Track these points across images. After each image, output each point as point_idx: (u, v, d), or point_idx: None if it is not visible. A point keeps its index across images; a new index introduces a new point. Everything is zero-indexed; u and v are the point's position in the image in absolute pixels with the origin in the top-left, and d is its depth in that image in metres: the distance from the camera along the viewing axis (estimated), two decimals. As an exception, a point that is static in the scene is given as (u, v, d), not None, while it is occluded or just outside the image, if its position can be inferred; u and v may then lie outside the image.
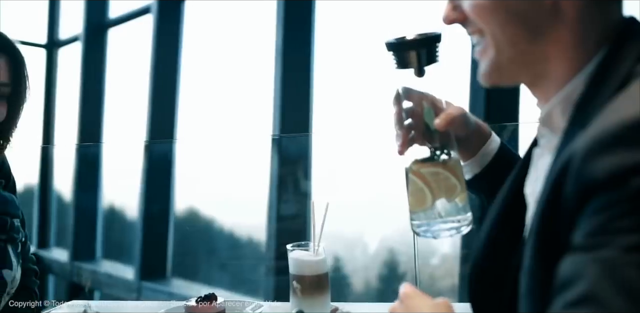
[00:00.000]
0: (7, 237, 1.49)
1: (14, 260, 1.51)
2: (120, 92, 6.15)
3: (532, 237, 0.84)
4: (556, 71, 0.92)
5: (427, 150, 1.14)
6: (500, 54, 0.93)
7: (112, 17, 6.26)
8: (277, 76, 4.54)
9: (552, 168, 0.84)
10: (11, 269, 1.49)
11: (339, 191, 4.36)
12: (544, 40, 0.90)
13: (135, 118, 5.63)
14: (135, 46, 5.83)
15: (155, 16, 5.41)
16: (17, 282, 1.53)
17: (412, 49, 1.10)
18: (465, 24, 0.98)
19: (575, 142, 0.78)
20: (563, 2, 0.88)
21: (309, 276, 1.49)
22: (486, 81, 0.99)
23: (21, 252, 1.60)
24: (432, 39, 1.12)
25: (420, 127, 1.15)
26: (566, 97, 0.91)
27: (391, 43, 1.11)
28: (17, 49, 1.50)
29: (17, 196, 1.66)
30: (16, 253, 1.54)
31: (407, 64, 1.11)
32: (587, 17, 0.90)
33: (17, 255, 1.54)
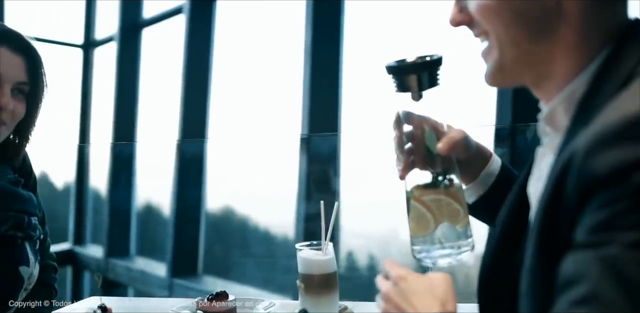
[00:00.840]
0: (24, 235, 1.54)
1: (32, 257, 1.56)
2: (153, 91, 6.24)
3: (533, 236, 0.84)
4: (559, 71, 0.92)
5: (428, 174, 1.11)
6: (503, 55, 0.94)
7: (146, 17, 6.35)
8: (306, 75, 4.56)
9: (554, 167, 0.85)
10: (28, 266, 1.54)
11: (372, 190, 4.36)
12: (548, 40, 0.91)
13: (167, 117, 5.70)
14: (168, 46, 5.90)
15: (187, 16, 5.47)
16: (34, 278, 1.57)
17: (412, 72, 1.09)
18: (471, 25, 0.99)
19: (576, 140, 0.79)
20: (566, 2, 0.89)
21: (317, 275, 1.50)
22: (490, 81, 1.00)
23: (40, 249, 1.64)
24: (433, 63, 1.10)
25: (420, 151, 1.13)
26: (569, 96, 0.91)
27: (391, 66, 1.10)
28: (34, 49, 1.54)
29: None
30: (34, 250, 1.58)
31: (407, 88, 1.10)
32: (590, 18, 0.90)
33: (34, 252, 1.58)
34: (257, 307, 1.62)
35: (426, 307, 0.93)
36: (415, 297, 0.95)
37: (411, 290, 0.96)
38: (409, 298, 0.95)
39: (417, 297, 0.95)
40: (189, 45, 5.48)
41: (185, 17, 5.51)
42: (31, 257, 1.55)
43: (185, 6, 5.51)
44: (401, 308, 0.95)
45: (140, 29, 6.34)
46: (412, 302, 0.95)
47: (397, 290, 0.97)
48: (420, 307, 0.94)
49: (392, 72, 1.10)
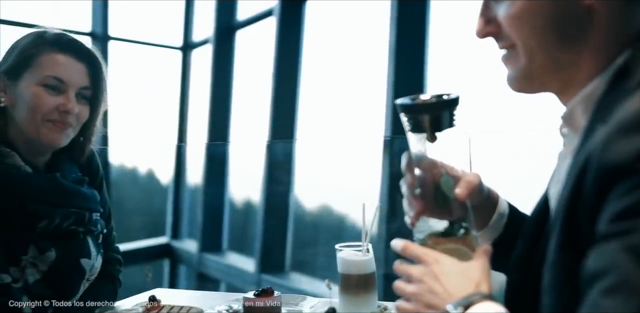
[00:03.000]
0: (85, 230, 1.65)
1: (93, 250, 1.67)
2: (246, 93, 6.41)
3: (555, 232, 0.86)
4: (583, 75, 0.94)
5: (439, 221, 1.05)
6: (532, 62, 0.96)
7: (240, 20, 6.54)
8: (390, 77, 4.57)
9: (572, 165, 0.87)
10: (90, 258, 1.65)
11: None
12: (577, 46, 0.93)
13: (258, 118, 5.85)
14: (260, 48, 6.05)
15: (278, 18, 5.59)
16: (96, 270, 1.69)
17: (426, 112, 1.02)
18: (498, 37, 1.01)
19: (594, 137, 0.81)
20: (597, 8, 0.91)
21: (355, 275, 1.53)
22: (515, 87, 1.02)
23: (104, 242, 1.76)
24: (449, 103, 1.03)
25: (430, 197, 1.05)
26: (587, 96, 0.93)
27: (403, 105, 1.03)
28: (95, 56, 1.65)
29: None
30: (96, 244, 1.70)
31: (421, 128, 1.02)
32: (615, 22, 0.92)
33: (97, 246, 1.70)
34: (301, 304, 1.68)
35: (459, 287, 0.92)
36: (448, 278, 0.94)
37: (444, 272, 0.94)
38: (442, 279, 0.94)
39: (450, 278, 0.93)
40: (278, 47, 5.59)
41: (275, 19, 5.63)
42: (93, 250, 1.67)
43: (276, 8, 5.63)
44: (434, 289, 0.94)
45: (234, 31, 6.53)
46: (445, 283, 0.93)
47: (429, 271, 0.95)
48: (452, 287, 0.92)
49: (405, 111, 1.03)
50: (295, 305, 1.68)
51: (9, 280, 1.52)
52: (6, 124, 1.61)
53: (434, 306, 0.93)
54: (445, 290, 0.93)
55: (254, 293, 1.63)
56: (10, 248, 1.54)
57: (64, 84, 1.58)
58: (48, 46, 1.60)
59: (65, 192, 1.63)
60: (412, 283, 0.97)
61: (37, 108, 1.56)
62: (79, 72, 1.61)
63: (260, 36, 6.17)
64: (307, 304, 1.67)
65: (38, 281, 1.56)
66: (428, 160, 1.06)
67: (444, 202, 1.04)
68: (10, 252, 1.54)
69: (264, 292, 1.63)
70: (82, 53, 1.63)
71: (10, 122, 1.61)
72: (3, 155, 1.58)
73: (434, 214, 1.05)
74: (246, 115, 6.39)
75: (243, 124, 6.40)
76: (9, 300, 1.52)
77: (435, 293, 0.93)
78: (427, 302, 0.94)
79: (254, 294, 1.63)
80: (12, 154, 1.58)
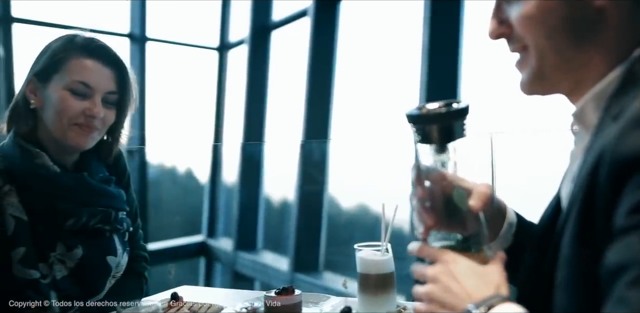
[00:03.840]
0: (111, 228, 1.69)
1: (119, 248, 1.71)
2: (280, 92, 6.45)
3: (570, 227, 0.87)
4: (594, 75, 0.94)
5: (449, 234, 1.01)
6: (544, 63, 0.96)
7: (275, 20, 6.58)
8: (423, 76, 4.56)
9: (584, 161, 0.88)
10: (116, 256, 1.69)
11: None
12: (588, 46, 0.94)
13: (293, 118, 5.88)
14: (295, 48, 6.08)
15: (312, 18, 5.61)
16: (122, 267, 1.73)
17: (434, 123, 0.97)
18: (510, 38, 1.01)
19: (607, 133, 0.82)
20: (608, 8, 0.91)
21: (374, 275, 1.54)
22: (527, 90, 1.02)
23: (131, 240, 1.80)
24: (458, 113, 0.98)
25: (441, 210, 1.01)
26: (599, 93, 0.93)
27: (411, 115, 0.98)
28: (122, 61, 1.69)
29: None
30: (122, 242, 1.74)
31: (429, 139, 0.98)
32: (627, 22, 0.93)
33: (123, 244, 1.74)
34: (320, 303, 1.69)
35: (478, 289, 0.90)
36: (466, 278, 0.92)
37: (462, 272, 0.93)
38: (460, 279, 0.92)
39: (468, 279, 0.92)
40: (313, 47, 5.62)
41: (309, 19, 5.65)
42: (119, 248, 1.71)
43: (310, 9, 5.66)
44: (451, 289, 0.92)
45: (270, 32, 6.58)
46: (463, 283, 0.91)
47: (446, 270, 0.93)
48: (471, 288, 0.91)
49: (412, 122, 0.98)
50: (316, 304, 1.69)
51: (37, 276, 1.57)
52: (36, 125, 1.66)
53: (450, 306, 0.91)
54: (464, 289, 0.91)
55: (275, 292, 1.65)
56: (39, 245, 1.59)
57: (90, 88, 1.62)
58: (77, 51, 1.63)
59: (92, 191, 1.67)
60: (427, 283, 0.95)
61: (63, 112, 1.60)
62: (106, 77, 1.65)
63: (294, 36, 6.20)
64: (329, 303, 1.68)
65: (65, 277, 1.61)
66: (438, 172, 1.01)
67: (456, 214, 1.00)
68: (40, 248, 1.59)
69: (284, 290, 1.64)
70: (110, 58, 1.66)
71: (40, 123, 1.65)
72: (33, 155, 1.62)
73: (446, 228, 1.01)
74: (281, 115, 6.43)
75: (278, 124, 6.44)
76: (38, 295, 1.57)
77: (453, 293, 0.91)
78: (444, 302, 0.92)
79: (275, 292, 1.65)
80: (41, 154, 1.63)
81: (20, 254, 1.56)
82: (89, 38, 1.68)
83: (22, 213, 1.59)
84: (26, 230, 1.58)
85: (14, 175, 1.61)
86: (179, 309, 1.51)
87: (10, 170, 1.61)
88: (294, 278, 5.42)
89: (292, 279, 5.43)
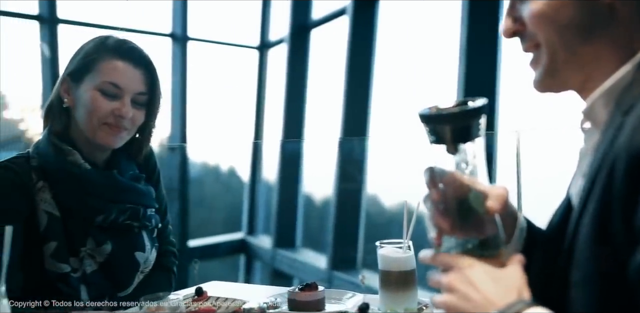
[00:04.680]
0: (140, 224, 1.74)
1: (148, 244, 1.76)
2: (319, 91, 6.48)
3: (586, 227, 0.87)
4: (604, 71, 0.95)
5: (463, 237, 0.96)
6: (554, 58, 0.97)
7: (314, 19, 6.61)
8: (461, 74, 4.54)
9: (595, 157, 0.89)
10: (144, 251, 1.74)
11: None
12: (599, 42, 0.95)
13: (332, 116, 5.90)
14: (333, 46, 6.10)
15: (350, 17, 5.62)
16: (150, 262, 1.77)
17: (447, 123, 0.93)
18: (523, 36, 1.02)
19: (621, 130, 0.83)
20: (618, 5, 0.93)
21: (395, 272, 1.55)
22: (539, 87, 1.03)
23: (160, 236, 1.85)
24: (472, 113, 0.93)
25: (456, 213, 0.96)
26: (609, 89, 0.94)
27: (423, 115, 0.94)
28: (152, 62, 1.72)
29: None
30: (151, 238, 1.78)
31: (441, 139, 0.94)
32: (638, 18, 0.94)
33: (151, 240, 1.78)
34: (343, 299, 1.71)
35: (499, 295, 0.87)
36: (485, 285, 0.88)
37: (479, 278, 0.89)
38: (478, 285, 0.88)
39: (487, 285, 0.88)
40: (351, 45, 5.63)
41: (348, 18, 5.66)
42: (147, 244, 1.75)
43: (349, 7, 5.67)
44: (469, 296, 0.88)
45: (309, 30, 6.61)
46: (482, 290, 0.88)
47: (462, 277, 0.90)
48: (492, 294, 0.87)
49: (425, 122, 0.94)
50: (339, 300, 1.71)
51: (68, 270, 1.62)
52: (69, 124, 1.71)
53: None
54: (484, 297, 0.87)
55: (298, 288, 1.67)
56: (70, 240, 1.64)
57: (120, 89, 1.66)
58: (109, 52, 1.67)
59: (121, 189, 1.72)
60: (444, 293, 0.91)
61: (94, 111, 1.65)
62: (136, 79, 1.69)
63: (334, 34, 6.22)
64: (353, 300, 1.69)
65: (95, 271, 1.66)
66: (451, 175, 0.96)
67: (471, 218, 0.95)
68: (71, 243, 1.64)
69: (307, 286, 1.67)
70: (140, 60, 1.70)
71: (73, 121, 1.70)
72: (65, 153, 1.68)
73: (460, 232, 0.96)
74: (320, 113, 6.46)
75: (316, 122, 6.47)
76: (69, 288, 1.63)
77: (472, 301, 0.88)
78: (464, 311, 0.88)
79: (298, 288, 1.67)
80: (73, 152, 1.68)
81: (52, 248, 1.62)
82: (121, 40, 1.72)
83: (55, 209, 1.64)
84: (58, 226, 1.63)
85: (47, 172, 1.66)
86: (202, 303, 1.54)
87: (44, 167, 1.67)
88: (331, 276, 5.44)
89: (329, 277, 5.45)
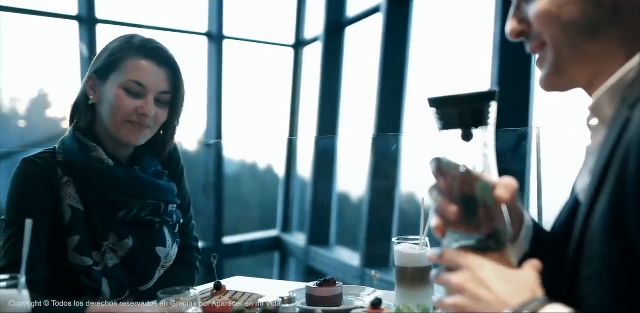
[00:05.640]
0: (161, 220, 1.77)
1: (169, 239, 1.79)
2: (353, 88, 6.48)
3: (599, 223, 0.86)
4: (610, 68, 0.95)
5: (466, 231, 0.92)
6: (561, 57, 0.98)
7: (349, 17, 6.61)
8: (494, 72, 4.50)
9: (602, 151, 0.89)
10: (165, 247, 1.77)
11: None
12: (605, 39, 0.95)
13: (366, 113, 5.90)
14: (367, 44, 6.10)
15: (384, 15, 5.61)
16: (171, 257, 1.80)
17: (455, 107, 0.93)
18: (529, 36, 1.03)
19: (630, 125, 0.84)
20: (622, 4, 0.93)
21: (411, 268, 1.55)
22: (546, 85, 1.03)
23: (183, 231, 1.88)
24: (480, 98, 0.93)
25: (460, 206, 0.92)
26: (615, 85, 0.94)
27: (433, 99, 0.94)
28: (175, 62, 1.75)
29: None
30: (172, 233, 1.81)
31: (450, 124, 0.93)
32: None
33: (173, 235, 1.81)
34: (361, 294, 1.72)
35: (512, 294, 0.84)
36: (496, 284, 0.85)
37: (491, 278, 0.85)
38: (489, 285, 0.85)
39: (498, 284, 0.85)
40: (385, 43, 5.61)
41: (382, 15, 5.65)
42: (168, 239, 1.78)
43: (383, 5, 5.66)
44: (481, 297, 0.85)
45: (344, 28, 6.61)
46: (494, 289, 0.84)
47: (472, 277, 0.86)
48: (504, 294, 0.84)
49: (435, 106, 0.94)
50: (357, 296, 1.72)
51: (90, 263, 1.66)
52: (94, 120, 1.75)
53: None
54: (497, 296, 0.84)
55: (316, 283, 1.69)
56: (93, 234, 1.68)
57: (144, 88, 1.69)
58: (134, 51, 1.71)
59: (143, 185, 1.75)
60: (453, 294, 0.88)
61: (118, 109, 1.68)
62: (160, 78, 1.71)
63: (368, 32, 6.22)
64: (373, 296, 1.70)
65: (117, 265, 1.70)
66: (459, 166, 0.93)
67: (479, 210, 0.91)
68: (93, 237, 1.68)
69: (326, 281, 1.68)
70: (164, 59, 1.73)
71: (98, 118, 1.74)
72: (89, 149, 1.72)
73: (464, 228, 0.92)
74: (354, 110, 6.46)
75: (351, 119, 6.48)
76: (91, 281, 1.66)
77: (484, 301, 0.84)
78: None
79: (316, 284, 1.68)
80: (97, 148, 1.72)
81: (75, 242, 1.66)
82: (146, 39, 1.74)
83: (79, 203, 1.68)
84: (82, 220, 1.68)
85: (72, 167, 1.71)
86: (220, 298, 1.57)
87: (69, 162, 1.71)
88: (364, 274, 5.44)
89: (362, 275, 5.45)
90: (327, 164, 6.41)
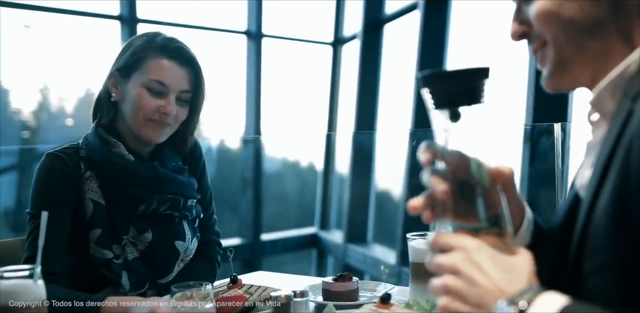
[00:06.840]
0: (180, 214, 1.79)
1: (189, 233, 1.81)
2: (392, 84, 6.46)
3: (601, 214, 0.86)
4: (612, 64, 0.95)
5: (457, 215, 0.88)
6: (562, 55, 0.97)
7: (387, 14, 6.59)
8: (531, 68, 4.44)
9: (604, 145, 0.89)
10: (184, 241, 1.79)
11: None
12: (606, 36, 0.94)
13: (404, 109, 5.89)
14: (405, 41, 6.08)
15: (422, 12, 5.58)
16: (190, 251, 1.82)
17: (445, 83, 0.88)
18: (530, 37, 1.02)
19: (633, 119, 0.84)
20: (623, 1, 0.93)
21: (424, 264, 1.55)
22: (549, 85, 1.03)
23: (204, 226, 1.90)
24: (471, 73, 0.88)
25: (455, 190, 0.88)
26: (616, 78, 0.93)
27: (423, 76, 0.89)
28: (197, 61, 1.77)
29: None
30: (192, 228, 1.84)
31: (440, 102, 0.89)
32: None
33: (192, 230, 1.83)
34: (377, 289, 1.72)
35: (508, 281, 0.79)
36: (493, 269, 0.80)
37: (487, 262, 0.81)
38: (485, 269, 0.80)
39: (496, 270, 0.80)
40: (423, 40, 5.59)
41: (420, 13, 5.62)
42: (188, 234, 1.81)
43: (421, 2, 5.63)
44: (475, 280, 0.80)
45: (382, 25, 6.60)
46: (490, 274, 0.80)
47: (468, 259, 0.81)
48: (499, 280, 0.79)
49: (426, 83, 0.89)
50: (373, 291, 1.73)
51: (111, 256, 1.70)
52: (116, 116, 1.78)
53: (476, 302, 0.79)
54: (494, 283, 0.79)
55: (332, 278, 1.70)
56: (113, 227, 1.72)
57: (166, 87, 1.72)
58: (156, 51, 1.73)
59: (162, 180, 1.78)
60: (446, 276, 0.83)
61: (140, 108, 1.71)
62: (181, 77, 1.74)
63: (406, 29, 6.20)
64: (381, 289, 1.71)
65: (136, 258, 1.73)
66: (453, 150, 0.89)
67: (474, 193, 0.86)
68: (114, 231, 1.72)
69: (342, 277, 1.69)
70: (186, 59, 1.75)
71: (119, 115, 1.78)
72: (111, 145, 1.75)
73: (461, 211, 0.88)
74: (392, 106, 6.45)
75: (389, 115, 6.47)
76: (111, 274, 1.70)
77: (479, 286, 0.79)
78: (470, 298, 0.80)
79: (332, 279, 1.70)
80: (118, 143, 1.75)
81: (96, 235, 1.70)
82: (168, 38, 1.76)
83: (100, 197, 1.72)
84: (103, 214, 1.71)
85: (94, 162, 1.75)
86: (236, 291, 1.59)
87: (91, 157, 1.75)
88: (400, 272, 5.42)
89: (399, 272, 5.43)
90: (365, 161, 6.41)
